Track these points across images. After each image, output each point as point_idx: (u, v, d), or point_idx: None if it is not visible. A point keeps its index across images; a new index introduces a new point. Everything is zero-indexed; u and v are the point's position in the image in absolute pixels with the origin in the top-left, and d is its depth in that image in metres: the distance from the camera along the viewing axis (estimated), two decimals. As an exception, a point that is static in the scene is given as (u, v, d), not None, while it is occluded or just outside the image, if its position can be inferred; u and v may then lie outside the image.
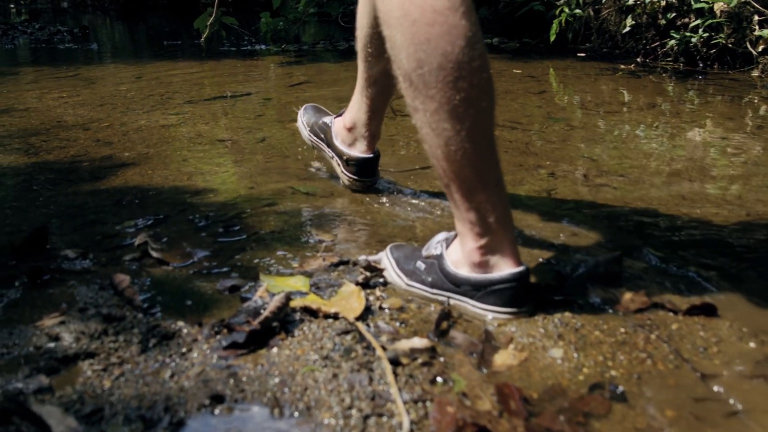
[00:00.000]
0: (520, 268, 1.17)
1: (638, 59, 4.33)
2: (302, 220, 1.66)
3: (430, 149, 1.14)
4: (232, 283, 1.31)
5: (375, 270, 1.30)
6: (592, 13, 4.55)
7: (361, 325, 1.13)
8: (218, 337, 1.12)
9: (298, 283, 1.29)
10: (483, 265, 1.19)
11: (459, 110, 1.09)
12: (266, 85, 3.75)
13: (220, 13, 4.67)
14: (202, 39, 4.59)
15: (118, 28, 9.78)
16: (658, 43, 4.25)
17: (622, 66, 4.18)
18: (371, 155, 1.86)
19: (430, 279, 1.25)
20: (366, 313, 1.19)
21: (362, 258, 1.41)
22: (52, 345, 1.09)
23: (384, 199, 1.80)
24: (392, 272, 1.31)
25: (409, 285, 1.28)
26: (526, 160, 2.19)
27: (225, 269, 1.39)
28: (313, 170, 2.08)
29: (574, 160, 2.18)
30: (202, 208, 1.74)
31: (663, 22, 4.16)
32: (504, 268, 1.17)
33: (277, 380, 1.00)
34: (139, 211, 1.72)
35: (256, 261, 1.42)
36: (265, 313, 1.14)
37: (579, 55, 4.66)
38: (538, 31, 5.13)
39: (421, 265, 1.27)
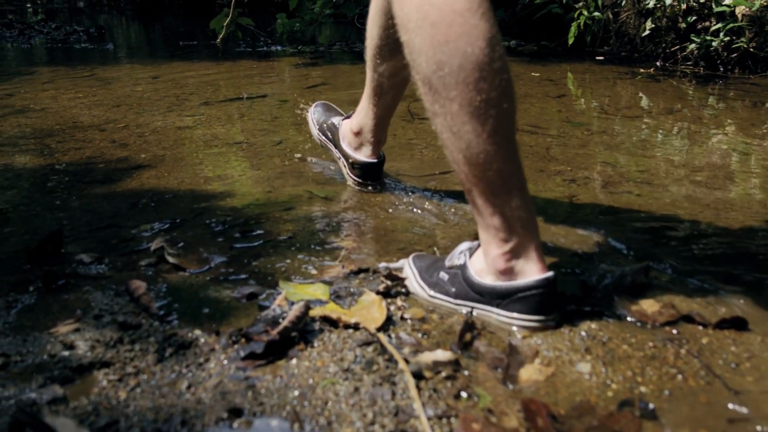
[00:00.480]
0: (548, 274, 1.13)
1: (657, 63, 4.28)
2: (320, 226, 1.63)
3: (451, 154, 1.12)
4: (250, 290, 1.28)
5: (396, 279, 1.26)
6: (611, 16, 4.50)
7: (382, 337, 1.10)
8: (236, 346, 1.09)
9: (318, 291, 1.27)
10: (508, 273, 1.16)
11: (480, 112, 1.07)
12: (282, 86, 3.73)
13: (237, 13, 4.65)
14: (219, 39, 4.58)
15: (133, 27, 9.79)
16: (678, 46, 4.20)
17: (642, 70, 4.13)
18: (375, 160, 1.88)
19: (453, 289, 1.22)
20: (387, 324, 1.16)
21: (382, 266, 1.38)
22: (66, 353, 1.07)
23: (403, 205, 1.77)
24: (414, 283, 1.28)
25: (432, 296, 1.25)
26: (546, 165, 2.15)
27: (242, 276, 1.36)
28: (331, 174, 2.05)
29: (595, 166, 2.14)
30: (219, 213, 1.72)
31: (683, 25, 4.11)
32: (530, 274, 1.14)
33: (296, 393, 0.98)
34: (155, 215, 1.70)
35: (273, 268, 1.40)
36: (284, 323, 1.11)
37: (597, 58, 4.61)
38: (556, 34, 5.08)
39: (444, 275, 1.24)
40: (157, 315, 1.18)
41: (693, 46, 3.95)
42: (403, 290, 1.28)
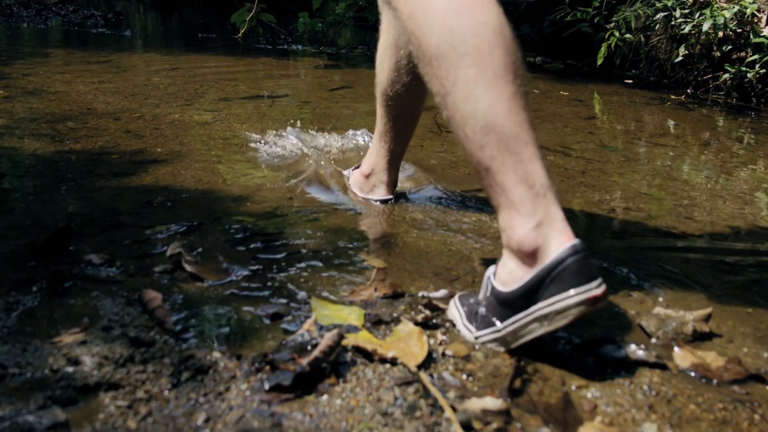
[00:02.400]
0: (575, 241, 1.01)
1: (688, 90, 4.16)
2: (349, 240, 1.51)
3: (466, 138, 1.07)
4: (275, 310, 1.16)
5: (436, 309, 1.14)
6: (642, 39, 4.38)
7: (425, 377, 0.98)
8: (260, 375, 0.97)
9: (352, 315, 1.15)
10: (534, 255, 1.03)
11: (498, 75, 1.04)
12: (303, 87, 3.61)
13: (259, 9, 4.54)
14: (240, 34, 4.46)
15: (151, 16, 9.70)
16: (710, 75, 4.07)
17: (672, 96, 4.02)
18: (392, 197, 1.82)
19: (493, 318, 1.10)
20: (428, 361, 1.04)
21: (421, 294, 1.26)
22: (70, 370, 0.95)
23: (436, 224, 1.65)
24: (461, 326, 1.16)
25: (477, 337, 1.12)
26: (584, 192, 2.04)
27: (265, 292, 1.24)
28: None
29: (636, 197, 2.02)
30: (239, 218, 1.60)
31: (717, 54, 3.99)
32: (557, 246, 1.02)
33: (328, 437, 0.85)
34: (171, 216, 1.58)
35: (299, 284, 1.27)
36: (314, 353, 0.98)
37: (626, 81, 4.49)
38: (583, 53, 4.97)
39: (482, 310, 1.12)
40: (172, 331, 1.06)
41: (727, 75, 3.83)
42: (445, 323, 1.15)
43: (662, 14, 4.22)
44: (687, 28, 3.93)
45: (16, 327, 1.07)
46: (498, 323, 1.08)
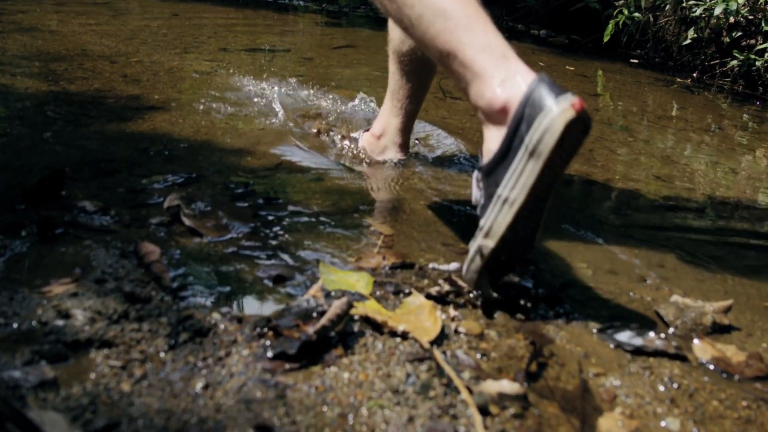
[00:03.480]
0: (540, 73, 1.02)
1: (694, 74, 4.09)
2: (353, 203, 1.44)
3: (429, 32, 1.10)
4: (278, 272, 1.09)
5: (455, 284, 1.08)
6: (651, 19, 4.30)
7: (438, 355, 0.92)
8: (262, 341, 0.91)
9: (360, 283, 1.08)
10: (505, 110, 1.02)
11: None
12: (305, 43, 3.51)
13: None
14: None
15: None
16: (717, 61, 4.00)
17: (678, 79, 3.95)
18: (405, 157, 1.75)
19: (493, 185, 1.05)
20: (440, 337, 0.98)
21: (431, 266, 1.19)
22: (60, 323, 0.88)
23: (446, 192, 1.58)
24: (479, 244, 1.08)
25: (483, 219, 1.07)
26: (593, 171, 1.97)
27: (267, 252, 1.17)
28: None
29: (646, 180, 1.96)
30: (240, 173, 1.53)
31: (727, 39, 3.92)
32: (524, 83, 1.01)
33: (336, 413, 0.79)
34: (168, 166, 1.51)
35: (303, 246, 1.21)
36: (322, 321, 0.92)
37: (631, 61, 4.41)
38: (589, 29, 4.88)
39: (482, 201, 1.09)
40: (170, 288, 0.99)
41: (735, 62, 3.76)
42: (458, 298, 1.09)
43: (674, -6, 4.13)
44: (698, 11, 3.85)
45: (3, 273, 1.00)
46: (497, 189, 1.04)
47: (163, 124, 1.82)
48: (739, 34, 3.92)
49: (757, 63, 3.74)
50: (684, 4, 3.98)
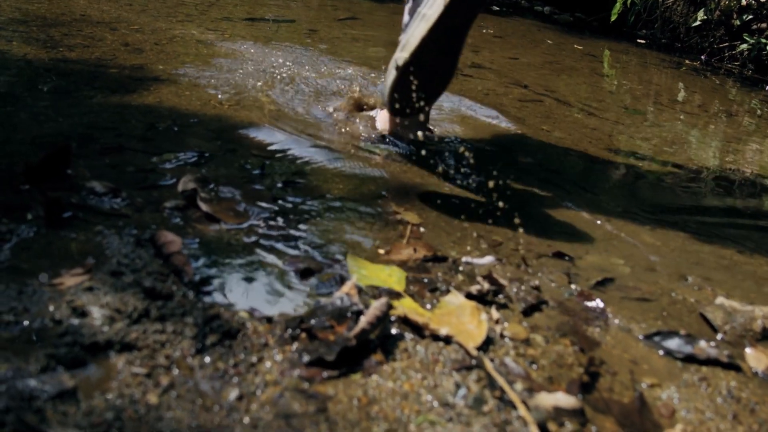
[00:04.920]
0: None
1: (702, 57, 4.01)
2: (377, 188, 1.36)
3: None
4: (305, 265, 1.01)
5: (495, 283, 1.00)
6: (661, -1, 4.21)
7: (489, 365, 0.84)
8: (296, 344, 0.83)
9: (393, 278, 1.01)
10: None
11: None
12: (309, 14, 3.40)
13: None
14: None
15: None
16: (726, 44, 3.92)
17: (687, 61, 3.86)
18: (422, 136, 1.66)
19: (416, 3, 1.22)
20: (485, 342, 0.90)
21: (465, 260, 1.12)
22: (76, 322, 0.80)
23: (470, 175, 1.50)
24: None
25: (404, 33, 1.24)
26: (614, 158, 1.90)
27: (291, 242, 1.09)
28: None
29: (670, 167, 1.90)
30: (255, 152, 1.44)
31: (737, 22, 3.83)
32: None
33: (383, 429, 0.71)
34: (179, 143, 1.42)
35: (328, 234, 1.13)
36: (361, 324, 0.84)
37: (639, 41, 4.32)
38: (593, 8, 4.78)
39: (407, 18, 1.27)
40: (192, 283, 0.91)
41: (745, 46, 3.68)
42: (499, 298, 1.01)
43: (685, -26, 4.04)
44: (711, -8, 3.76)
45: (9, 262, 0.92)
46: (419, 8, 1.19)
47: (170, 96, 1.72)
48: (750, 17, 3.83)
49: (769, 47, 3.67)
50: (695, -16, 3.89)
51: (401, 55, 1.20)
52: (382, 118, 1.68)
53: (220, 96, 1.77)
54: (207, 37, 2.47)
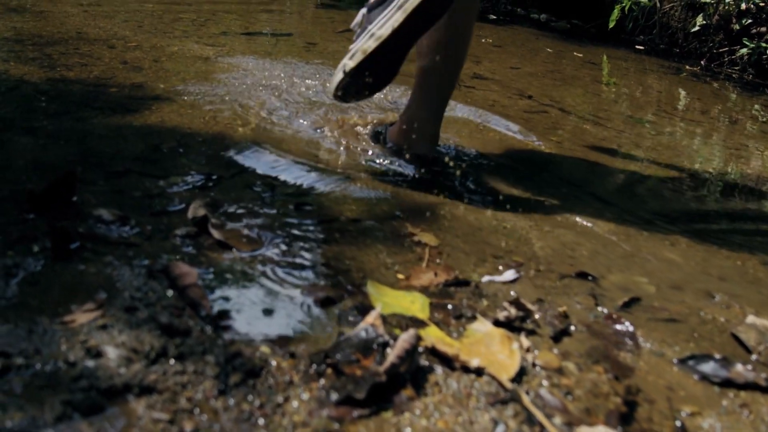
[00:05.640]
0: None
1: (702, 62, 3.99)
2: (390, 208, 1.32)
3: None
4: (324, 294, 0.97)
5: (523, 309, 0.96)
6: (659, 4, 4.19)
7: (525, 398, 0.80)
8: (322, 381, 0.79)
9: (415, 305, 0.97)
10: None
11: None
12: (306, 27, 3.37)
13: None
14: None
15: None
16: (726, 48, 3.90)
17: (687, 67, 3.84)
18: (433, 153, 1.64)
19: (367, 25, 1.34)
20: (519, 373, 0.86)
21: (485, 280, 1.08)
22: (91, 364, 0.75)
23: (485, 193, 1.47)
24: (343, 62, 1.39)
25: (351, 50, 1.36)
26: (626, 168, 1.87)
27: (307, 268, 1.05)
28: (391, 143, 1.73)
29: (682, 175, 1.87)
30: (262, 173, 1.40)
31: (736, 27, 3.81)
32: None
33: (420, 475, 0.67)
34: (185, 165, 1.38)
35: (346, 260, 1.09)
36: (390, 358, 0.80)
37: (637, 47, 4.30)
38: (590, 14, 4.76)
39: (359, 30, 1.38)
40: (210, 317, 0.86)
41: (744, 50, 3.66)
42: (527, 324, 0.97)
43: (683, -21, 4.02)
44: (710, -4, 3.74)
45: (17, 299, 0.87)
46: (369, 26, 1.33)
47: (172, 115, 1.69)
48: (749, 21, 3.81)
49: (769, 51, 3.65)
50: (693, -10, 3.87)
51: (348, 63, 1.36)
52: (391, 134, 1.65)
53: (223, 114, 1.74)
54: (206, 52, 2.43)
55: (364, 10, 1.36)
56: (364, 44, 1.33)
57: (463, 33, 1.54)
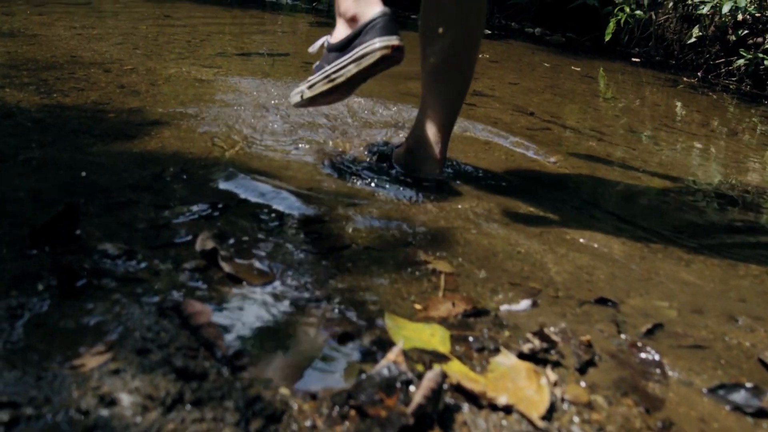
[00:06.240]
0: (385, 8, 1.39)
1: (699, 74, 3.98)
2: (401, 235, 1.29)
3: None
4: (341, 329, 0.94)
5: (548, 340, 0.93)
6: (654, 17, 4.18)
7: (559, 439, 0.76)
8: (346, 424, 0.75)
9: (435, 338, 0.94)
10: (355, 19, 1.41)
11: None
12: (301, 47, 3.35)
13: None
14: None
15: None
16: (723, 59, 3.89)
17: (684, 79, 3.83)
18: (441, 174, 1.62)
19: (325, 63, 1.48)
20: (549, 409, 0.82)
21: (504, 309, 1.04)
22: (105, 413, 0.71)
23: (495, 216, 1.44)
24: (294, 91, 1.58)
25: (309, 81, 1.52)
26: (635, 183, 1.84)
27: (321, 301, 1.02)
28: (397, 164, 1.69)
29: (693, 190, 1.84)
30: (268, 201, 1.37)
31: (733, 38, 3.81)
32: (372, 12, 1.39)
33: None
34: (188, 194, 1.35)
35: (360, 292, 1.06)
36: (417, 399, 0.77)
37: (633, 60, 4.29)
38: (585, 28, 4.76)
39: (317, 63, 1.51)
40: (226, 358, 0.83)
41: (741, 61, 3.65)
42: (552, 355, 0.94)
43: (677, -9, 4.02)
44: (705, 9, 3.73)
45: (23, 342, 0.84)
46: (326, 65, 1.46)
47: (172, 141, 1.65)
48: (746, 32, 3.80)
49: (766, 62, 3.64)
50: (689, 2, 3.86)
51: (305, 92, 1.54)
52: (398, 156, 1.62)
53: (224, 139, 1.70)
54: (203, 74, 2.40)
55: (325, 42, 1.49)
56: (320, 84, 1.48)
57: (469, 55, 1.51)
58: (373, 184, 1.53)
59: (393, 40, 1.35)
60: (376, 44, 1.36)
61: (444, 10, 1.47)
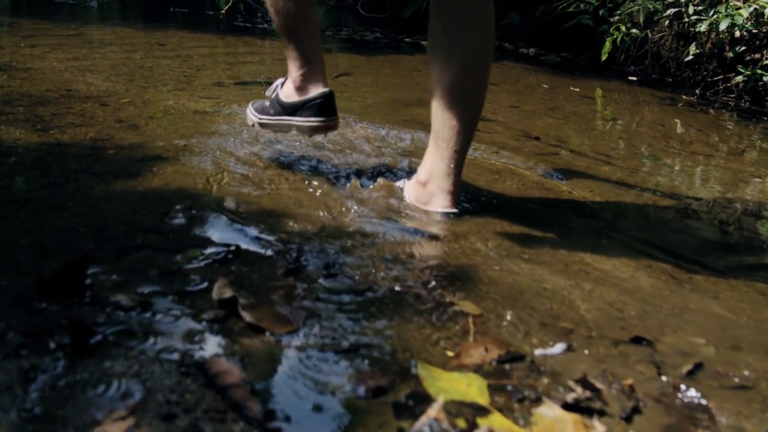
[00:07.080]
0: (327, 89, 1.65)
1: (697, 91, 3.96)
2: (423, 275, 1.24)
3: (276, 21, 1.62)
4: (375, 383, 0.88)
5: (591, 388, 0.88)
6: (650, 35, 4.17)
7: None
8: (390, 494, 0.69)
9: (473, 389, 0.88)
10: (303, 90, 1.66)
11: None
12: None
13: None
14: (223, 11, 4.12)
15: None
16: (721, 76, 3.88)
17: (684, 96, 3.81)
18: (456, 210, 1.57)
19: (272, 111, 1.73)
20: (602, 469, 0.77)
21: (539, 353, 0.99)
22: (133, 492, 0.65)
23: (515, 249, 1.39)
24: (250, 115, 1.80)
25: (260, 118, 1.76)
26: (652, 208, 1.80)
27: (349, 351, 0.97)
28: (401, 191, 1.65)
29: (711, 213, 1.80)
30: (282, 239, 1.32)
31: (730, 54, 3.79)
32: (316, 90, 1.65)
33: None
34: (199, 235, 1.30)
35: (389, 339, 1.01)
36: (465, 464, 0.71)
37: (630, 78, 4.28)
38: (580, 47, 4.74)
39: (266, 103, 1.75)
40: (257, 421, 0.77)
41: (740, 78, 3.63)
42: (597, 404, 0.89)
43: (672, 10, 4.00)
44: (702, 27, 3.72)
45: (39, 409, 0.78)
46: (272, 113, 1.73)
47: (176, 177, 1.60)
48: (743, 48, 3.79)
49: (765, 78, 3.62)
50: (686, 19, 3.85)
51: (257, 122, 1.81)
52: (410, 189, 1.57)
53: (230, 173, 1.65)
54: (202, 105, 2.35)
55: (278, 88, 1.74)
56: (267, 127, 1.79)
57: (480, 77, 1.47)
58: (388, 222, 1.48)
59: (330, 121, 1.67)
60: (316, 122, 1.67)
61: (452, 30, 1.42)
